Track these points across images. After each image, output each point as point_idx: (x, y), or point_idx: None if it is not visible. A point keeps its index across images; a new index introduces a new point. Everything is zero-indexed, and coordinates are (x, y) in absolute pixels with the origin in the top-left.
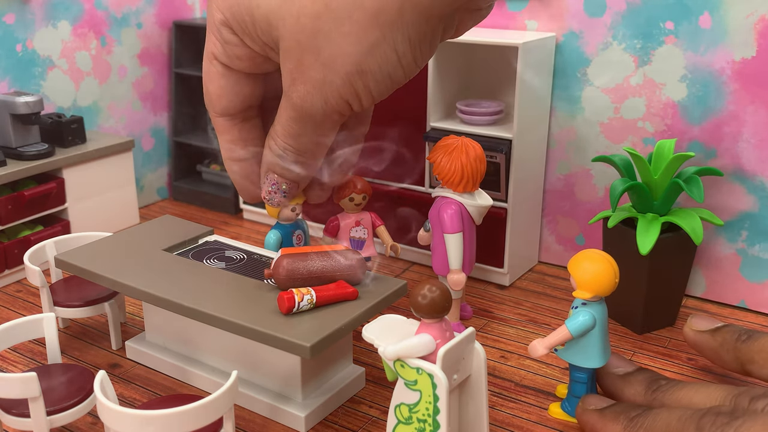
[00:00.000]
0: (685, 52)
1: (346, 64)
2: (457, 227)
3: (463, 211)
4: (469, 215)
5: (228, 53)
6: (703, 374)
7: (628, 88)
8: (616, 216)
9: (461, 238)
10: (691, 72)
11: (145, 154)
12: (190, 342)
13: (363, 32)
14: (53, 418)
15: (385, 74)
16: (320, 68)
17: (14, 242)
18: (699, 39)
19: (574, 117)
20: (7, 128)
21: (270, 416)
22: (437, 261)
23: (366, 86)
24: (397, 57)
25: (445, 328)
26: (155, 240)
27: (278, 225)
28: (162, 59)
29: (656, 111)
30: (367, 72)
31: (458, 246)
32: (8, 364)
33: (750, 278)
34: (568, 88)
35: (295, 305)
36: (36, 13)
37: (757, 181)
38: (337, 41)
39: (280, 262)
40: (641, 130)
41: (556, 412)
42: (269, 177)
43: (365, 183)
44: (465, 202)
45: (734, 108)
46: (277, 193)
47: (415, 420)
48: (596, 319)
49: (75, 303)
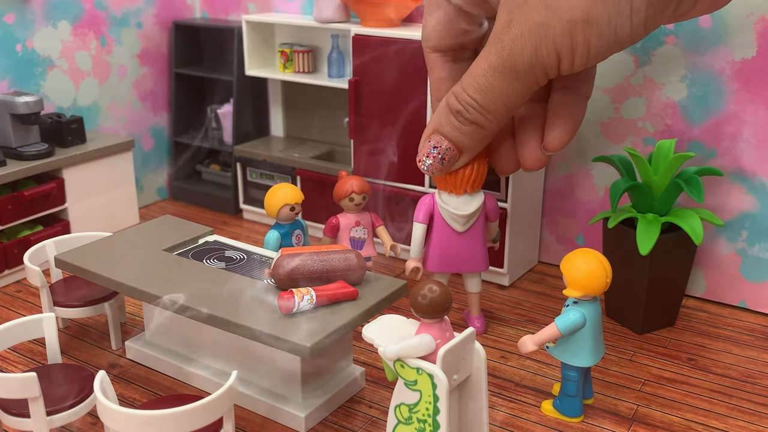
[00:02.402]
0: (685, 52)
1: (572, 9)
2: (419, 217)
3: (435, 209)
4: (440, 215)
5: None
6: (703, 374)
7: (628, 88)
8: (616, 216)
9: (422, 229)
10: (691, 72)
11: (144, 154)
12: (190, 342)
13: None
14: (53, 418)
15: (612, 28)
16: (543, 10)
17: (14, 242)
18: (699, 39)
19: None
20: (7, 128)
21: (270, 416)
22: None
23: (586, 39)
24: (630, 10)
25: (445, 329)
26: (155, 240)
27: (277, 225)
28: (162, 59)
29: (656, 111)
30: (593, 22)
31: (417, 235)
32: (8, 364)
33: (750, 278)
34: None
35: (295, 305)
36: (36, 13)
37: (757, 181)
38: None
39: (280, 262)
40: (641, 130)
41: (548, 409)
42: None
43: (365, 183)
44: (439, 201)
45: (734, 108)
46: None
47: (415, 420)
48: (587, 318)
49: (75, 303)
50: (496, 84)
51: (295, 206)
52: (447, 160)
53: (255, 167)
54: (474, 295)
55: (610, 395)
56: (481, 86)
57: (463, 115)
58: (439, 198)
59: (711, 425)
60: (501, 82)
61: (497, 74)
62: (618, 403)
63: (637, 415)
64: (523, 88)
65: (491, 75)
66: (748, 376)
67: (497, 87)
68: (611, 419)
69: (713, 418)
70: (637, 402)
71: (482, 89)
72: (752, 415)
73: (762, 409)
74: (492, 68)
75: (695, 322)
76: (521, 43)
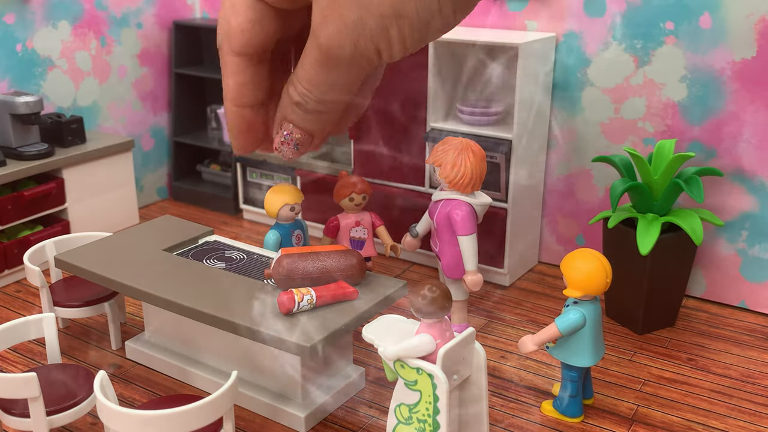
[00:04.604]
0: (685, 53)
1: (383, 5)
2: (471, 228)
3: (473, 212)
4: (476, 215)
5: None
6: (703, 374)
7: (628, 88)
8: (617, 216)
9: (476, 238)
10: (692, 72)
11: (144, 154)
12: (190, 342)
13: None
14: (53, 418)
15: (423, 21)
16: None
17: (14, 242)
18: (699, 39)
19: (574, 117)
20: (7, 128)
21: (270, 416)
22: (449, 264)
23: (401, 32)
24: (438, 4)
25: (445, 329)
26: (155, 240)
27: (277, 225)
28: (162, 59)
29: (656, 111)
30: (404, 16)
31: (474, 247)
32: (8, 364)
33: (750, 278)
34: (568, 88)
35: (295, 305)
36: (36, 13)
37: (758, 182)
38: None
39: (280, 262)
40: (641, 130)
41: (548, 409)
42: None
43: (365, 183)
44: (473, 202)
45: (734, 108)
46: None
47: (415, 420)
48: (587, 318)
49: (75, 303)
50: (324, 76)
51: (295, 206)
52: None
53: (255, 167)
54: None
55: (610, 395)
56: (312, 79)
57: (302, 106)
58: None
59: (711, 425)
60: (328, 74)
61: (323, 68)
62: (618, 403)
63: (637, 415)
64: (352, 77)
65: (318, 68)
66: (748, 376)
67: (326, 78)
68: (611, 419)
69: (713, 418)
70: (637, 402)
71: (313, 82)
72: (752, 415)
73: (762, 409)
74: (317, 62)
75: (695, 322)
76: (339, 40)
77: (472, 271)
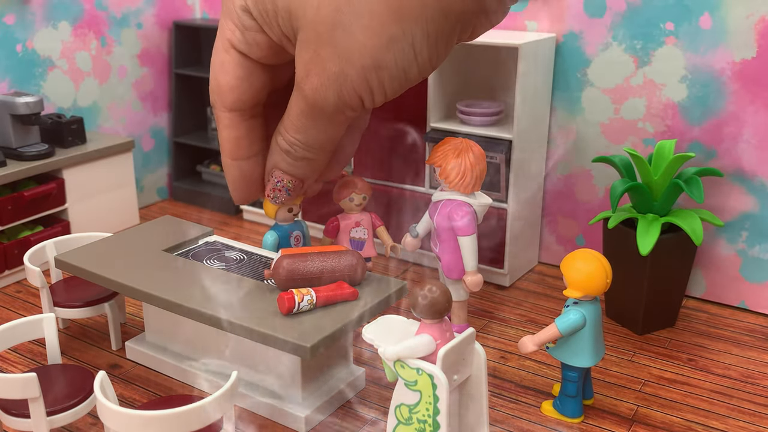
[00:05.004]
0: (686, 53)
1: (363, 58)
2: (471, 229)
3: (473, 212)
4: (476, 216)
5: (248, 40)
6: (703, 374)
7: (628, 89)
8: (617, 216)
9: (476, 239)
10: (692, 73)
11: (144, 154)
12: (190, 342)
13: (382, 26)
14: (53, 418)
15: (401, 70)
16: (337, 61)
17: (14, 243)
18: (699, 39)
19: (574, 117)
20: (7, 129)
21: (270, 416)
22: (449, 265)
23: (380, 82)
24: (413, 53)
25: (445, 329)
26: (155, 240)
27: (276, 226)
28: (162, 59)
29: (656, 111)
30: (383, 67)
31: (474, 247)
32: (8, 365)
33: (750, 279)
34: (568, 89)
35: (295, 306)
36: (36, 14)
37: (758, 182)
38: (356, 34)
39: (280, 262)
40: (641, 130)
41: (548, 410)
42: (274, 174)
43: (365, 183)
44: (473, 202)
45: (734, 109)
46: (282, 191)
47: (415, 420)
48: (587, 319)
49: (75, 303)
50: (311, 125)
51: (293, 207)
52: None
53: None
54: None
55: (610, 395)
56: (298, 127)
57: (291, 154)
58: (469, 199)
59: (711, 426)
60: (314, 123)
61: (308, 118)
62: (618, 403)
63: (637, 416)
64: (336, 124)
65: (304, 118)
66: (748, 376)
67: (312, 127)
68: (611, 419)
69: (713, 418)
70: (637, 402)
71: (300, 130)
72: (752, 416)
73: (762, 410)
74: (303, 112)
75: (695, 323)
76: (324, 92)
77: (472, 271)
